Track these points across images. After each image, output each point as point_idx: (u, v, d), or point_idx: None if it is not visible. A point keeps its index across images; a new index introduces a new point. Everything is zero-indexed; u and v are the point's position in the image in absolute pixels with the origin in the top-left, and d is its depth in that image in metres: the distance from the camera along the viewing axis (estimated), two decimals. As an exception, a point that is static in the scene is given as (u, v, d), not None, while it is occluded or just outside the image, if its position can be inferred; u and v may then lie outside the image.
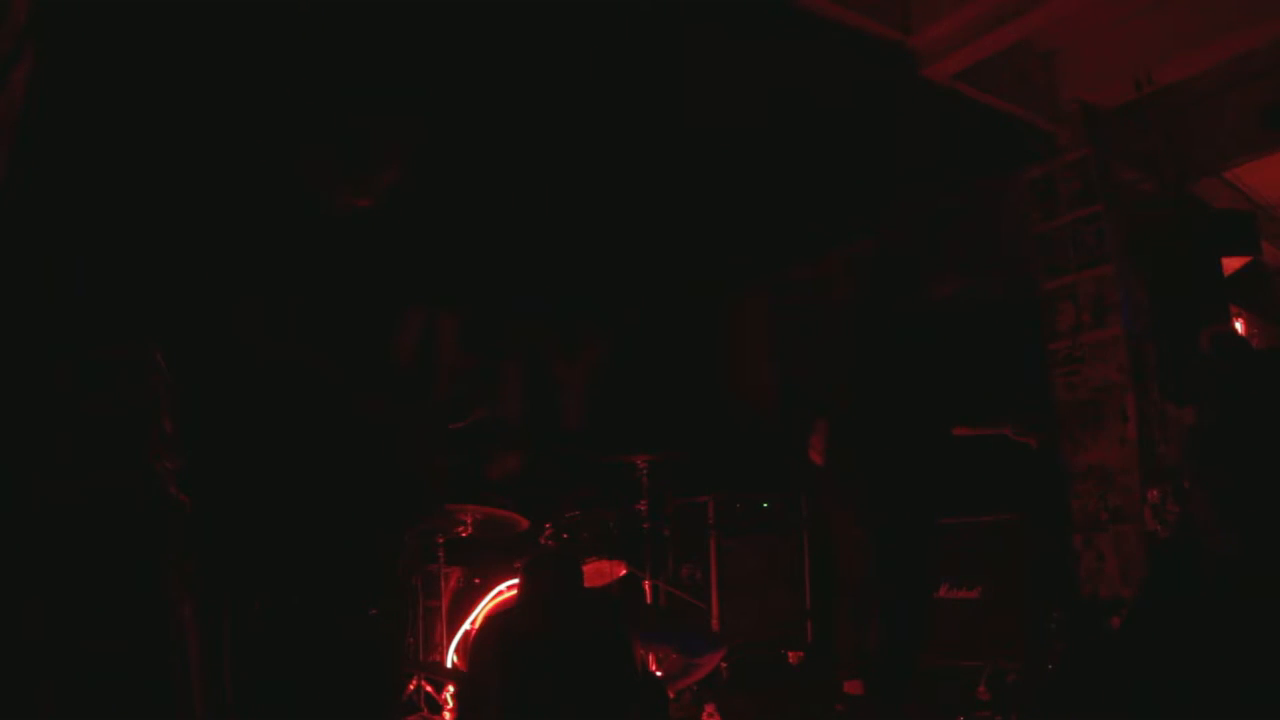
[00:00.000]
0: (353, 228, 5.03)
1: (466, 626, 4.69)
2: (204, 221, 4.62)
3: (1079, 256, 4.84)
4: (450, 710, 4.33)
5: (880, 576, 4.15)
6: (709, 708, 4.37)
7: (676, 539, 5.81)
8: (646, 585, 5.24)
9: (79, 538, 2.30)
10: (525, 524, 4.82)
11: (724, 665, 5.23)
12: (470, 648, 3.76)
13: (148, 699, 2.27)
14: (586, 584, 4.77)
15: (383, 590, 4.51)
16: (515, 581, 4.55)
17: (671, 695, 4.27)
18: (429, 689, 4.36)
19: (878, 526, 4.22)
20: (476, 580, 4.82)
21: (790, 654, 5.42)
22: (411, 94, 4.27)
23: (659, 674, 4.29)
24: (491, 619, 4.29)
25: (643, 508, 5.35)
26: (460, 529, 4.69)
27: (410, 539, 4.70)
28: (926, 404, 4.34)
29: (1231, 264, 4.44)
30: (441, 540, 4.71)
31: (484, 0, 3.69)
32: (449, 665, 4.63)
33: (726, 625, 5.54)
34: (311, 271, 5.22)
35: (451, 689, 4.37)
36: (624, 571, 4.92)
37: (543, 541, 4.83)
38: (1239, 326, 4.63)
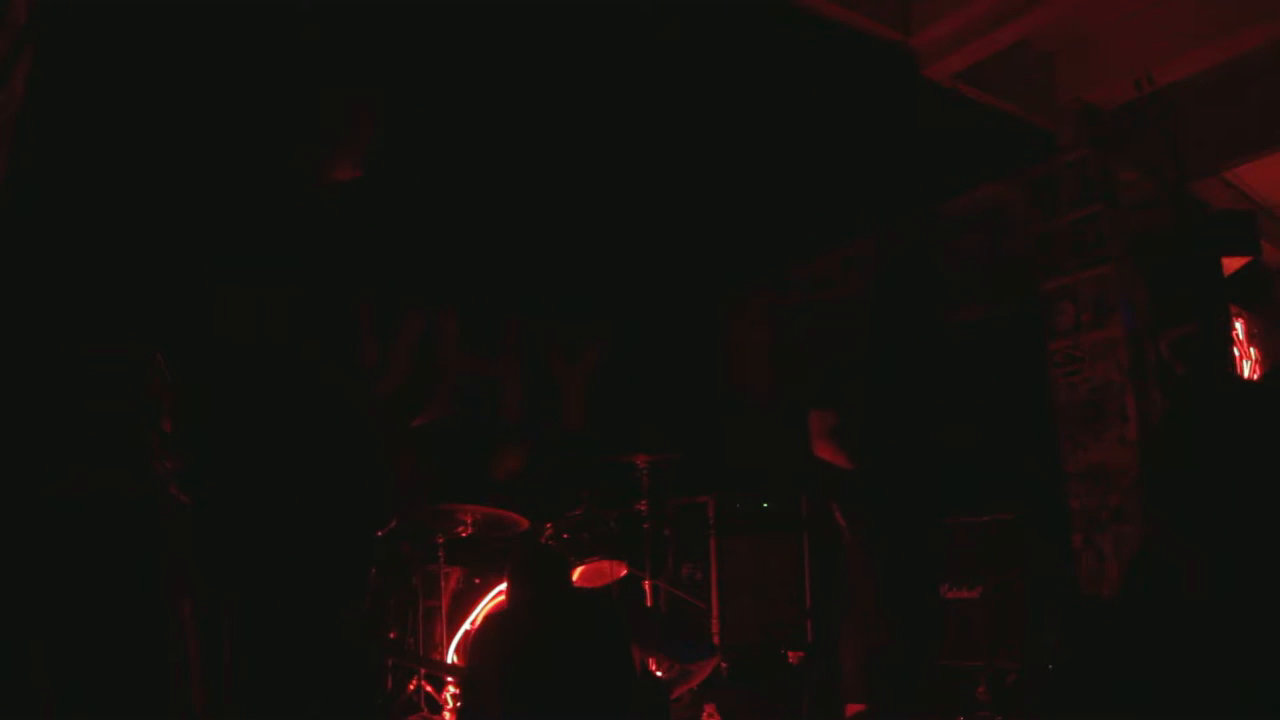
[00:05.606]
0: (355, 226, 5.05)
1: (466, 626, 4.69)
2: (203, 220, 4.63)
3: (1079, 256, 4.84)
4: (450, 710, 4.33)
5: (887, 578, 4.12)
6: (709, 708, 4.37)
7: (676, 539, 5.81)
8: (646, 585, 5.24)
9: (79, 537, 2.30)
10: (525, 524, 4.82)
11: (724, 665, 5.23)
12: (469, 648, 3.76)
13: (147, 697, 2.27)
14: (587, 584, 4.78)
15: (352, 595, 4.49)
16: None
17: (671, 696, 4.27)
18: (429, 689, 4.36)
19: (882, 527, 4.20)
20: (476, 580, 4.82)
21: (790, 654, 5.41)
22: (414, 94, 4.28)
23: (659, 675, 4.29)
24: (490, 619, 4.29)
25: (643, 508, 5.35)
26: (460, 529, 4.69)
27: (383, 542, 4.65)
28: (927, 404, 4.33)
29: (1231, 264, 4.44)
30: (441, 540, 4.70)
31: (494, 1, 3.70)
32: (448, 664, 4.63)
33: (726, 625, 5.54)
34: (307, 269, 5.25)
35: (452, 689, 4.37)
36: (624, 571, 4.92)
37: (543, 541, 4.83)
38: (1239, 326, 4.63)
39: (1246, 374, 4.56)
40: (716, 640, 5.46)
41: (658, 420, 5.95)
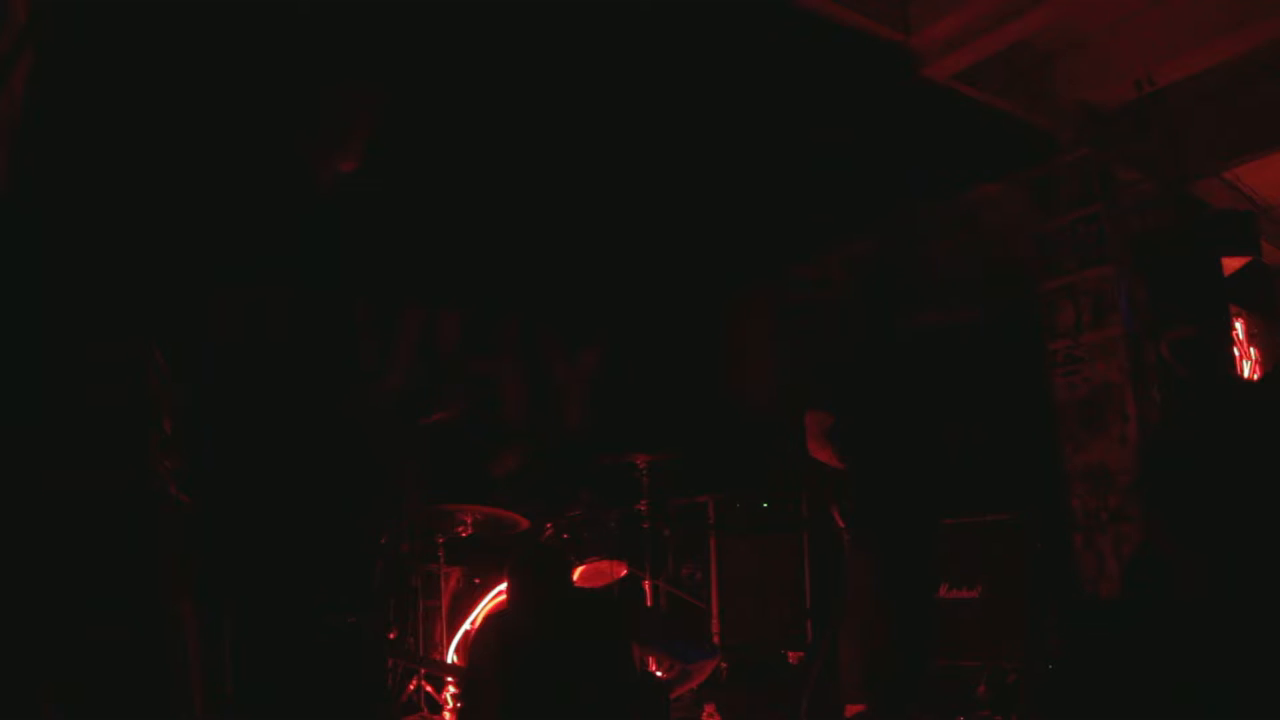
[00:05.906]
0: (355, 226, 5.04)
1: (466, 626, 4.69)
2: (203, 219, 4.62)
3: (1079, 256, 4.84)
4: (450, 710, 4.33)
5: (887, 578, 4.11)
6: (709, 708, 4.37)
7: (676, 539, 5.81)
8: (646, 585, 5.24)
9: (80, 537, 2.30)
10: (525, 524, 4.82)
11: (724, 665, 5.23)
12: (470, 648, 3.76)
13: (147, 697, 2.27)
14: (587, 584, 4.79)
15: (359, 595, 4.49)
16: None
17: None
18: (429, 689, 4.36)
19: (882, 527, 4.19)
20: (476, 580, 4.82)
21: (790, 654, 5.41)
22: (413, 94, 4.28)
23: (659, 675, 4.29)
24: (490, 619, 4.29)
25: (643, 508, 5.35)
26: (460, 529, 4.69)
27: (390, 541, 4.66)
28: (925, 404, 4.33)
29: (1231, 264, 4.45)
30: (441, 540, 4.71)
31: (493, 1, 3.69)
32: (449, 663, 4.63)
33: (726, 625, 5.54)
34: (307, 270, 5.25)
35: (452, 689, 4.37)
36: (624, 572, 4.92)
37: (543, 541, 4.83)
38: (1239, 326, 4.62)
39: (1246, 374, 4.56)
40: (716, 640, 5.46)
41: (658, 420, 5.95)
